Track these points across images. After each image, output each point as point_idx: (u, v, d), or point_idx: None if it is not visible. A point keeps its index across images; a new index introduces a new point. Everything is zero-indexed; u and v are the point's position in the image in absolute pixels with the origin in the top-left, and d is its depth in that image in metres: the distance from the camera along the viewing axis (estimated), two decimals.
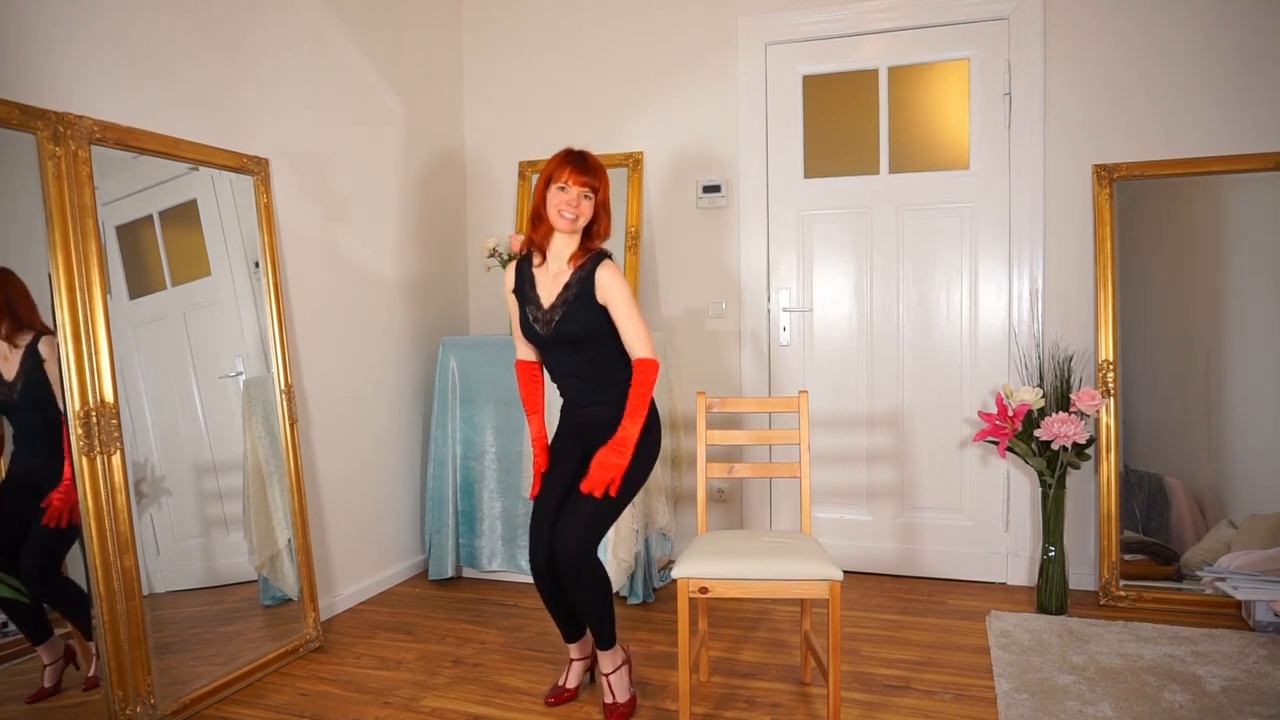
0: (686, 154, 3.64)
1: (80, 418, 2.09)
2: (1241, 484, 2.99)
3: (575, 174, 2.21)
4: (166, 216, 2.49)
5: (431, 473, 3.45)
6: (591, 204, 2.25)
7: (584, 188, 2.22)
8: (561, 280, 2.28)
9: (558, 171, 2.23)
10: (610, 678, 2.30)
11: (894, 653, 2.67)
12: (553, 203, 2.23)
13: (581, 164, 2.23)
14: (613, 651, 2.29)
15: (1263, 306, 2.95)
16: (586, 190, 2.23)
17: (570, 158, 2.24)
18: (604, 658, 2.30)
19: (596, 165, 2.26)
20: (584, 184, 2.22)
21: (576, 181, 2.21)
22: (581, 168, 2.23)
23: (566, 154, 2.26)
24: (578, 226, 2.25)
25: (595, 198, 2.25)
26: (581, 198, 2.22)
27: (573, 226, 2.24)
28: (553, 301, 2.27)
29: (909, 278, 3.40)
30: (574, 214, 2.22)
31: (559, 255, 2.29)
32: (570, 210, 2.22)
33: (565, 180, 2.22)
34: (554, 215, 2.23)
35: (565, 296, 2.26)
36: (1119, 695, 2.29)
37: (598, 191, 2.24)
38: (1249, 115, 2.98)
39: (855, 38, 3.41)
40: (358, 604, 3.24)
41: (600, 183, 2.25)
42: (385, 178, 3.45)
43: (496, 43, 3.93)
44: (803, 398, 2.44)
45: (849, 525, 3.52)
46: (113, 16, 2.33)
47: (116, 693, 2.11)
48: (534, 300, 2.30)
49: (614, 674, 2.29)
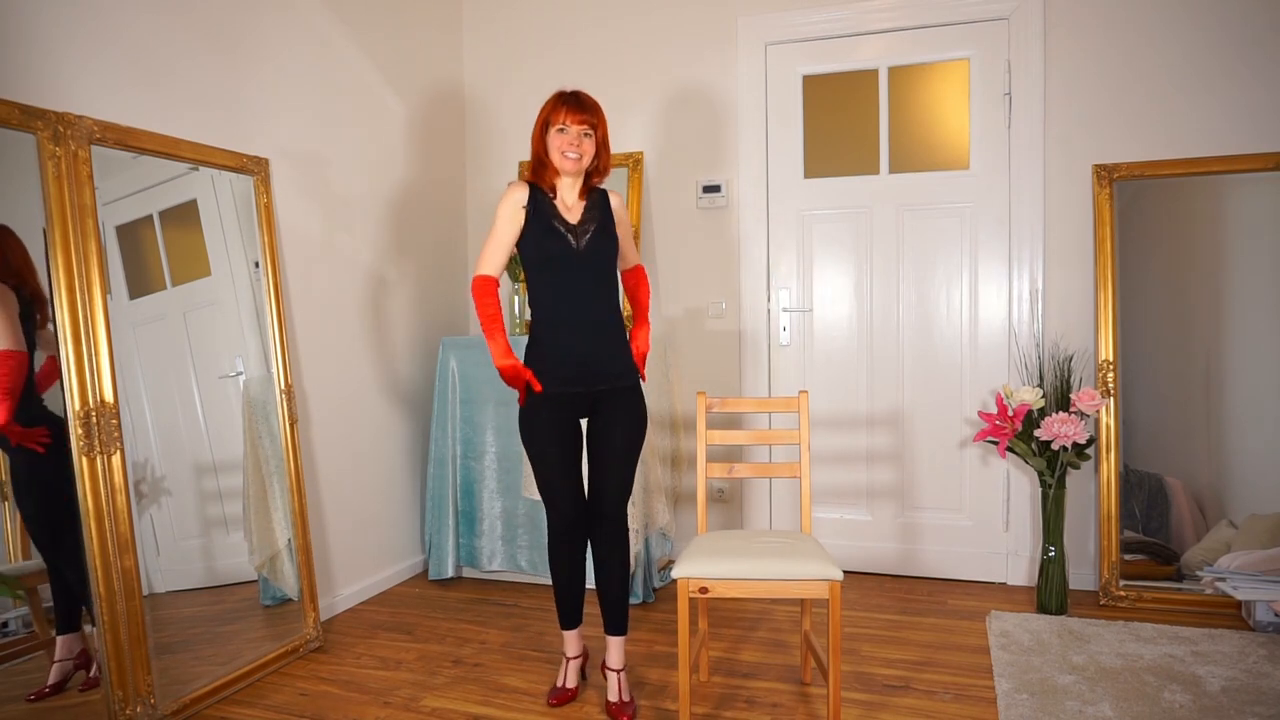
0: (686, 154, 3.64)
1: (80, 418, 2.09)
2: (1241, 484, 2.99)
3: (572, 113, 2.20)
4: (166, 216, 2.49)
5: (431, 473, 3.45)
6: (593, 141, 2.23)
7: (583, 125, 2.21)
8: (579, 207, 2.28)
9: (554, 113, 2.21)
10: (621, 674, 2.31)
11: (894, 653, 2.67)
12: (554, 145, 2.22)
13: (577, 103, 2.21)
14: (622, 644, 2.32)
15: (1263, 306, 2.95)
16: (586, 128, 2.21)
17: (565, 98, 2.22)
18: (616, 650, 2.32)
19: (592, 103, 2.24)
20: (582, 121, 2.20)
21: (575, 120, 2.20)
22: (577, 106, 2.21)
23: (560, 95, 2.24)
24: (583, 165, 2.24)
25: (595, 135, 2.23)
26: (582, 136, 2.21)
27: (578, 166, 2.22)
28: (581, 218, 2.26)
29: (909, 278, 3.40)
30: (578, 153, 2.21)
31: (567, 193, 2.29)
32: (574, 150, 2.20)
33: (564, 121, 2.20)
34: (558, 158, 2.21)
35: (592, 215, 2.27)
36: (1119, 695, 2.29)
37: (597, 129, 2.23)
38: (1249, 115, 2.98)
39: (855, 38, 3.41)
40: (358, 604, 3.24)
41: (598, 119, 2.24)
42: (385, 178, 3.45)
43: (496, 43, 3.93)
44: (803, 398, 2.44)
45: (849, 525, 3.52)
46: (113, 16, 2.33)
47: (116, 693, 2.11)
48: (557, 216, 2.24)
49: (623, 671, 2.32)
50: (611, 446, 2.29)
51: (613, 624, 2.33)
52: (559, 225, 2.22)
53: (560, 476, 2.28)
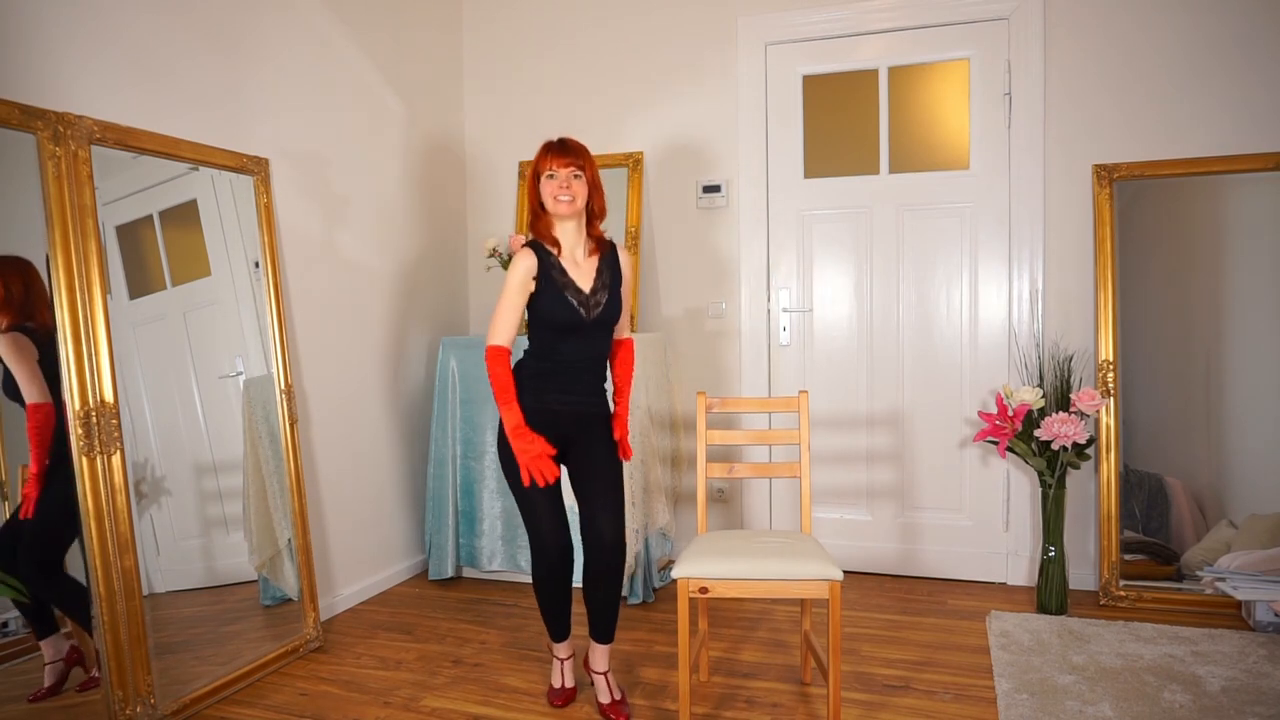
0: (686, 154, 3.64)
1: (80, 418, 2.09)
2: (1241, 484, 2.99)
3: (557, 158, 2.25)
4: (166, 216, 2.49)
5: (431, 473, 3.45)
6: (583, 183, 2.27)
7: (570, 168, 2.25)
8: (591, 267, 2.31)
9: (541, 162, 2.27)
10: (608, 676, 2.32)
11: (894, 653, 2.67)
12: (547, 192, 2.26)
13: (561, 148, 2.27)
14: (609, 650, 2.33)
15: (1263, 306, 2.95)
16: (574, 170, 2.25)
17: (550, 147, 2.28)
18: (600, 655, 2.32)
19: (577, 146, 2.29)
20: (569, 164, 2.24)
21: (561, 164, 2.24)
22: (562, 151, 2.26)
23: (546, 145, 2.29)
24: (577, 207, 2.26)
25: (585, 175, 2.27)
26: (571, 178, 2.25)
27: (572, 208, 2.25)
28: (593, 285, 2.29)
29: (909, 278, 3.40)
30: (569, 195, 2.24)
31: (574, 247, 2.31)
32: (565, 193, 2.24)
33: (551, 168, 2.25)
34: (551, 204, 2.25)
35: (603, 280, 2.30)
36: (1119, 695, 2.29)
37: (585, 170, 2.27)
38: (1249, 115, 2.98)
39: (855, 38, 3.41)
40: (358, 604, 3.24)
41: (585, 161, 2.27)
42: (385, 178, 3.45)
43: (496, 43, 3.93)
44: (803, 398, 2.44)
45: (849, 525, 3.52)
46: (113, 16, 2.33)
47: (116, 693, 2.11)
48: (570, 285, 2.27)
49: (610, 672, 2.33)
50: (594, 465, 2.29)
51: (601, 634, 2.32)
52: (571, 297, 2.26)
53: (545, 502, 2.25)
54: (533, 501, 2.26)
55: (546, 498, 2.26)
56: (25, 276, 2.09)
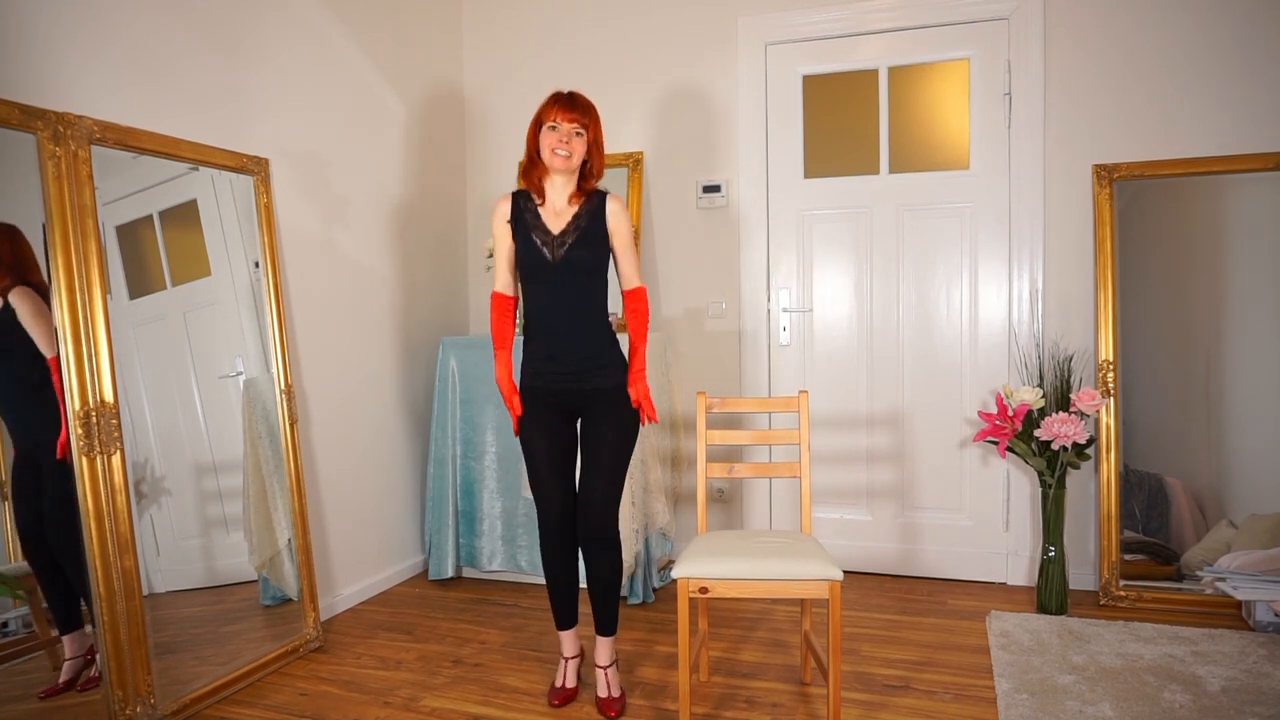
0: (686, 154, 3.64)
1: (80, 418, 2.09)
2: (1241, 484, 2.99)
3: (564, 111, 2.22)
4: (166, 216, 2.49)
5: (431, 473, 3.45)
6: (584, 141, 2.25)
7: (574, 124, 2.22)
8: (569, 213, 2.28)
9: (546, 111, 2.24)
10: (608, 671, 2.33)
11: (894, 653, 2.67)
12: (545, 143, 2.24)
13: (569, 102, 2.24)
14: (610, 643, 2.33)
15: (1263, 306, 2.95)
16: (577, 127, 2.23)
17: (559, 98, 2.25)
18: (604, 648, 2.33)
19: (585, 103, 2.26)
20: (573, 120, 2.22)
21: (566, 118, 2.22)
22: (569, 105, 2.23)
23: (555, 95, 2.27)
24: (573, 165, 2.24)
25: (586, 135, 2.25)
26: (573, 134, 2.23)
27: (568, 165, 2.23)
28: (563, 228, 2.27)
29: (909, 278, 3.40)
30: (567, 151, 2.22)
31: (558, 196, 2.29)
32: (564, 148, 2.22)
33: (555, 119, 2.22)
34: (548, 155, 2.23)
35: (576, 224, 2.27)
36: (1119, 695, 2.29)
37: (588, 129, 2.25)
38: (1249, 115, 2.98)
39: (855, 38, 3.41)
40: (358, 604, 3.24)
41: (590, 120, 2.25)
42: (385, 178, 3.45)
43: (496, 43, 3.93)
44: (803, 398, 2.44)
45: (849, 525, 3.52)
46: (113, 16, 2.33)
47: (116, 693, 2.11)
48: (539, 228, 2.27)
49: (611, 667, 2.34)
50: (597, 447, 2.29)
51: (601, 625, 2.35)
52: (536, 237, 2.26)
53: (548, 472, 2.29)
54: (538, 468, 2.30)
55: (550, 466, 2.29)
56: (12, 239, 2.08)
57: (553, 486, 2.30)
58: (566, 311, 2.27)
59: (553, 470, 2.30)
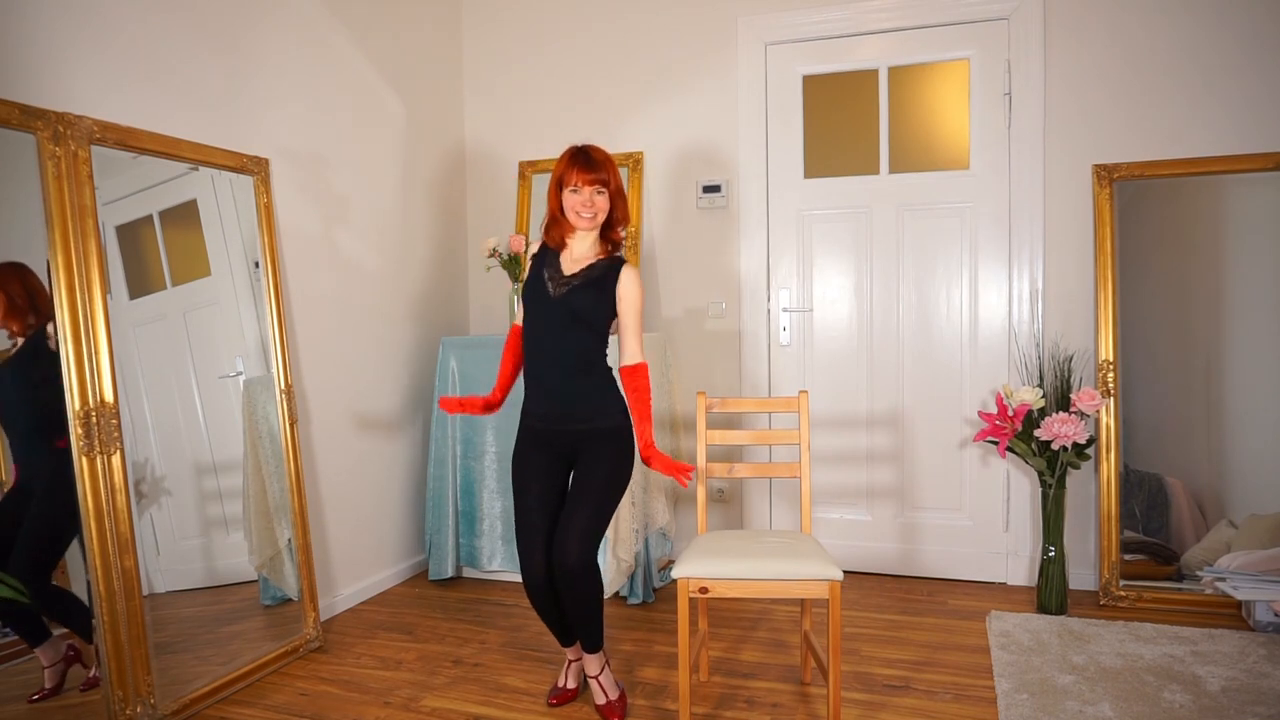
0: (686, 154, 3.64)
1: (80, 418, 2.09)
2: (1241, 484, 2.99)
3: (583, 173, 2.23)
4: (166, 216, 2.49)
5: (431, 473, 3.45)
6: (606, 197, 2.27)
7: (595, 185, 2.25)
8: (585, 261, 2.30)
9: (566, 174, 2.25)
10: (599, 679, 2.31)
11: (894, 653, 2.67)
12: (569, 205, 2.26)
13: (587, 162, 2.25)
14: (598, 656, 2.31)
15: (1263, 306, 2.95)
16: (598, 187, 2.25)
17: (576, 159, 2.25)
18: (591, 661, 2.32)
19: (603, 159, 2.27)
20: (593, 181, 2.24)
21: (586, 181, 2.24)
22: (587, 165, 2.24)
23: (572, 155, 2.26)
24: (598, 222, 2.28)
25: (608, 190, 2.27)
26: (595, 195, 2.25)
27: (593, 224, 2.27)
28: (574, 272, 2.28)
29: (909, 278, 3.40)
30: (592, 212, 2.25)
31: (582, 248, 2.31)
32: (587, 210, 2.25)
33: (575, 182, 2.24)
34: (573, 218, 2.26)
35: (588, 273, 2.28)
36: (1119, 695, 2.29)
37: (609, 184, 2.27)
38: (1250, 115, 2.98)
39: (855, 38, 3.41)
40: (358, 604, 3.24)
41: (609, 175, 2.26)
42: (385, 178, 3.45)
43: (496, 42, 3.93)
44: (803, 398, 2.44)
45: (849, 525, 3.52)
46: (113, 16, 2.33)
47: (116, 693, 2.11)
48: (553, 266, 2.29)
49: (601, 675, 2.32)
50: (587, 479, 2.24)
51: (586, 644, 2.30)
52: (546, 274, 2.29)
53: (538, 516, 2.24)
54: (526, 512, 2.27)
55: (539, 510, 2.25)
56: (23, 280, 2.09)
57: (538, 529, 2.23)
58: (556, 347, 2.25)
59: (542, 514, 2.24)
